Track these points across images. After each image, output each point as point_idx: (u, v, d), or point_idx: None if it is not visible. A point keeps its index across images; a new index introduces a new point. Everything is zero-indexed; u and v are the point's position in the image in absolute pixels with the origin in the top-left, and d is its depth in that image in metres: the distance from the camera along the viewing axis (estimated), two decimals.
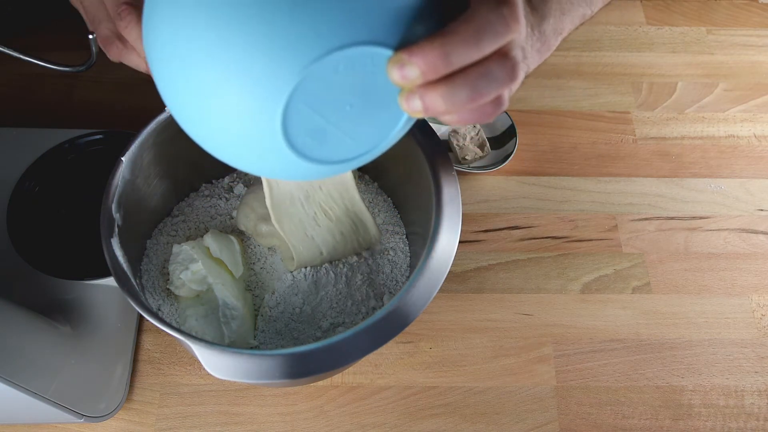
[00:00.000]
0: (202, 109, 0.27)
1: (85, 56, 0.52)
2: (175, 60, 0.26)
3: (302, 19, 0.24)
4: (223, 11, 0.25)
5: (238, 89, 0.26)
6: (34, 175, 0.58)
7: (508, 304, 0.58)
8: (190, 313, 0.50)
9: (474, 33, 0.26)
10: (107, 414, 0.51)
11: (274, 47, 0.25)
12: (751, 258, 0.61)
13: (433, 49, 0.26)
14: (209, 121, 0.28)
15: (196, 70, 0.26)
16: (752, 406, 0.54)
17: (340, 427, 0.52)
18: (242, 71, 0.25)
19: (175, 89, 0.28)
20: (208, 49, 0.25)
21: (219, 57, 0.25)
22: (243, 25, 0.24)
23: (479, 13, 0.26)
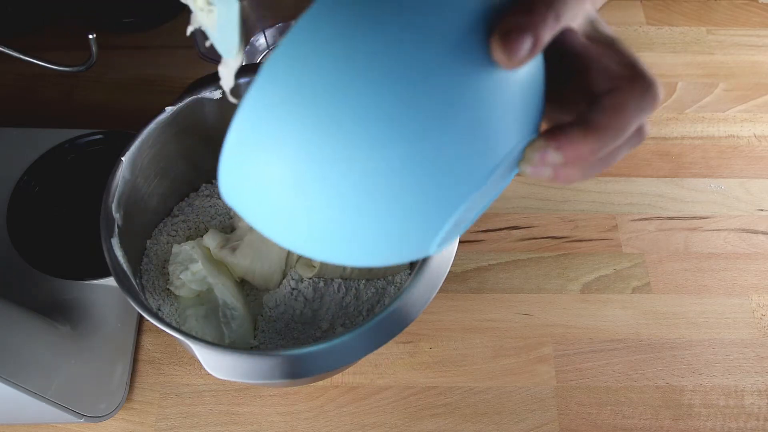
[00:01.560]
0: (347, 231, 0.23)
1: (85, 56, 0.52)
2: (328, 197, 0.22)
3: (481, 139, 0.22)
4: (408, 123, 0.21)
5: (409, 209, 0.23)
6: (34, 175, 0.58)
7: (508, 304, 0.58)
8: (190, 313, 0.50)
9: (623, 126, 0.25)
10: (107, 414, 0.51)
11: (457, 164, 0.22)
12: (751, 258, 0.61)
13: (585, 144, 0.25)
14: (351, 240, 0.24)
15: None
16: (752, 406, 0.54)
17: (340, 427, 0.52)
18: (420, 187, 0.22)
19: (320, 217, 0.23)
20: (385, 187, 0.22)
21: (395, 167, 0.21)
22: (434, 143, 0.21)
23: (629, 102, 0.25)
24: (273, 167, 0.21)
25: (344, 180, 0.21)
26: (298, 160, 0.21)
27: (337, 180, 0.21)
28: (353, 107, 0.20)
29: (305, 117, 0.20)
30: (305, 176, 0.21)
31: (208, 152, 0.55)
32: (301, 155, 0.21)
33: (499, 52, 0.21)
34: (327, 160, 0.21)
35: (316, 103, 0.20)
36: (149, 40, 0.74)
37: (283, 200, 0.22)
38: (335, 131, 0.20)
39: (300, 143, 0.20)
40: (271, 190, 0.22)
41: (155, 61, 0.73)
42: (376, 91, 0.20)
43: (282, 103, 0.20)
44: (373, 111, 0.20)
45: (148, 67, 0.72)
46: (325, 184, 0.21)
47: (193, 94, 0.49)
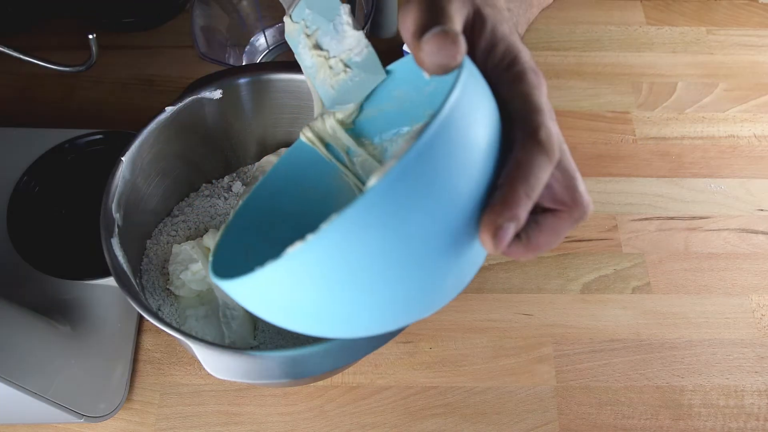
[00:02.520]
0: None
1: (85, 56, 0.52)
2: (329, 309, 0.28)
3: (454, 288, 0.32)
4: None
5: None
6: (34, 175, 0.58)
7: (508, 304, 0.58)
8: (190, 313, 0.50)
9: (557, 243, 0.29)
10: (107, 414, 0.51)
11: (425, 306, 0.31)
12: (751, 258, 0.61)
13: (524, 256, 0.28)
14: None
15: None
16: (752, 406, 0.54)
17: (340, 427, 0.52)
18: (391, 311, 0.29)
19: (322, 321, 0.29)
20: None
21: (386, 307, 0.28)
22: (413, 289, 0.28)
23: (563, 227, 0.29)
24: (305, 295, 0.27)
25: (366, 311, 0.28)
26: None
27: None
28: (379, 276, 0.26)
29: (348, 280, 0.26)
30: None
31: (208, 152, 0.55)
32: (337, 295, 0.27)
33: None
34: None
35: (359, 267, 0.26)
36: (149, 40, 0.74)
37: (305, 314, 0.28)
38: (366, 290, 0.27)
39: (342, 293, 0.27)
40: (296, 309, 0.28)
41: (155, 61, 0.73)
42: (396, 264, 0.26)
43: (334, 259, 0.25)
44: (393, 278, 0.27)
45: (148, 67, 0.72)
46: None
47: (193, 94, 0.49)
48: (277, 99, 0.53)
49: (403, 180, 0.24)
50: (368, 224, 0.24)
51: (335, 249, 0.25)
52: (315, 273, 0.26)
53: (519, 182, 0.26)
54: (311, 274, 0.26)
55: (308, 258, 0.25)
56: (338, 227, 0.24)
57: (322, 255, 0.25)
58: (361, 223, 0.24)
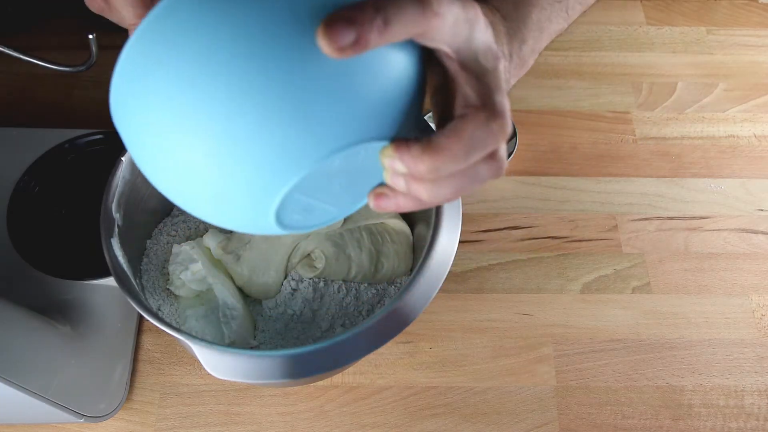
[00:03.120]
0: (188, 180, 0.27)
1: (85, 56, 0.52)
2: (167, 136, 0.25)
3: (312, 122, 0.25)
4: (236, 103, 0.24)
5: (236, 179, 0.26)
6: (34, 175, 0.58)
7: (508, 304, 0.58)
8: (190, 313, 0.50)
9: (463, 149, 0.27)
10: (107, 414, 0.51)
11: (281, 148, 0.25)
12: (751, 258, 0.61)
13: (422, 162, 0.26)
14: (195, 189, 0.27)
15: (192, 153, 0.25)
16: (752, 406, 0.54)
17: (340, 427, 0.52)
18: (245, 163, 0.25)
19: (161, 161, 0.27)
20: (211, 133, 0.25)
21: (220, 142, 0.25)
22: (253, 123, 0.24)
23: (468, 128, 0.27)
24: (146, 100, 0.25)
25: (193, 133, 0.25)
26: (164, 102, 0.24)
27: (188, 130, 0.25)
28: (207, 73, 0.24)
29: (176, 66, 0.24)
30: (167, 118, 0.25)
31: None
32: (167, 97, 0.24)
33: (322, 39, 0.23)
34: (183, 110, 0.24)
35: (186, 59, 0.24)
36: None
37: (148, 131, 0.26)
38: (192, 88, 0.24)
39: (170, 85, 0.24)
40: (142, 118, 0.26)
41: None
42: (225, 64, 0.24)
43: (162, 47, 0.24)
44: (218, 80, 0.24)
45: None
46: (180, 130, 0.25)
47: None
48: None
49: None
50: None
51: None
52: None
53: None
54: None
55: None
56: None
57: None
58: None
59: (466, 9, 0.27)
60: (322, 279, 0.51)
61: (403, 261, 0.52)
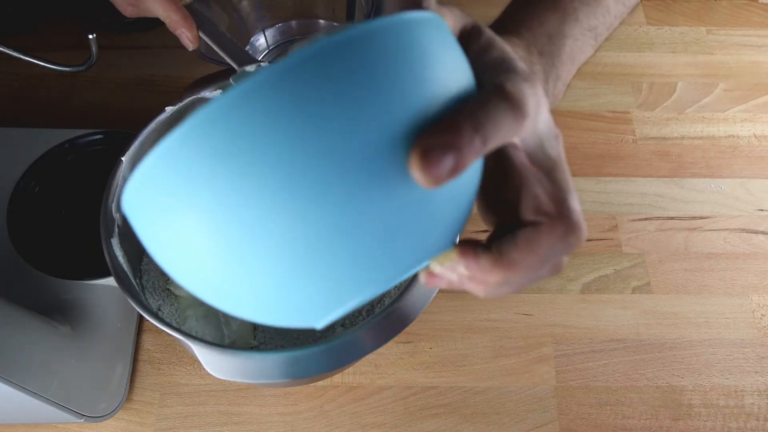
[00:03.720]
0: (250, 292, 0.24)
1: (85, 56, 0.52)
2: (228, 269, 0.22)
3: (388, 253, 0.22)
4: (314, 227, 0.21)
5: (302, 298, 0.23)
6: (34, 175, 0.58)
7: (508, 304, 0.58)
8: (190, 313, 0.50)
9: (538, 263, 0.24)
10: (107, 414, 0.51)
11: (353, 275, 0.22)
12: (751, 258, 0.61)
13: (492, 275, 0.24)
14: (259, 308, 0.25)
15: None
16: (752, 406, 0.54)
17: (340, 427, 0.52)
18: (312, 284, 0.22)
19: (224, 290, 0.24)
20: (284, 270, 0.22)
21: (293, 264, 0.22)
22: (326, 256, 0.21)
23: (545, 243, 0.24)
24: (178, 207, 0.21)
25: (249, 244, 0.21)
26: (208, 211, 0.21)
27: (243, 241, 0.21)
28: (271, 192, 0.20)
29: (225, 175, 0.20)
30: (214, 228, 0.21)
31: None
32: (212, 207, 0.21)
33: (417, 170, 0.20)
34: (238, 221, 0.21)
35: (239, 166, 0.20)
36: (149, 40, 0.74)
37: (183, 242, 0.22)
38: (248, 200, 0.20)
39: (215, 196, 0.20)
40: (172, 228, 0.22)
41: (155, 61, 0.73)
42: (296, 183, 0.20)
43: (210, 154, 0.20)
44: (291, 201, 0.20)
45: (148, 67, 0.72)
46: (232, 242, 0.21)
47: (193, 94, 0.49)
48: None
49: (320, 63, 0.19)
50: (260, 115, 0.19)
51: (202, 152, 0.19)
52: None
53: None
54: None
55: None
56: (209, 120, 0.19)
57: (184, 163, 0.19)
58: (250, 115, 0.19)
59: (535, 90, 0.24)
60: None
61: None
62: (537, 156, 0.26)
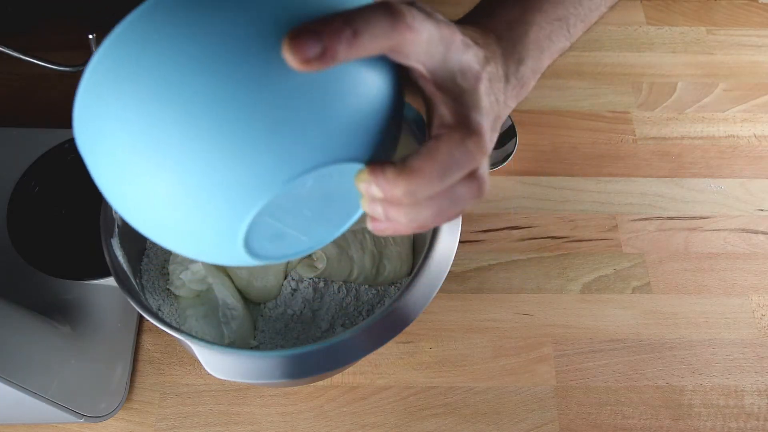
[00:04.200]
0: (151, 207, 0.25)
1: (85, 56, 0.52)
2: (127, 161, 0.24)
3: (281, 142, 0.23)
4: (197, 122, 0.23)
5: (201, 204, 0.24)
6: (34, 175, 0.58)
7: (508, 304, 0.58)
8: (190, 313, 0.50)
9: (439, 170, 0.26)
10: (107, 414, 0.51)
11: (248, 169, 0.23)
12: (751, 258, 0.61)
13: (397, 186, 0.26)
14: (160, 219, 0.26)
15: (156, 175, 0.24)
16: (752, 406, 0.54)
17: (340, 427, 0.52)
18: (211, 184, 0.24)
19: (123, 188, 0.26)
20: (172, 155, 0.23)
21: (182, 165, 0.23)
22: (216, 143, 0.23)
23: (443, 149, 0.26)
24: (108, 122, 0.24)
25: (155, 155, 0.23)
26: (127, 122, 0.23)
27: (150, 154, 0.23)
28: (166, 91, 0.23)
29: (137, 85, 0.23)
30: (130, 139, 0.23)
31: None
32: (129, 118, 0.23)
33: (287, 51, 0.22)
34: (140, 132, 0.23)
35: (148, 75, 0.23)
36: None
37: (112, 154, 0.24)
38: (151, 106, 0.23)
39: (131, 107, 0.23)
40: (102, 142, 0.24)
41: None
42: (184, 79, 0.22)
43: (123, 68, 0.23)
44: (178, 97, 0.23)
45: None
46: (139, 154, 0.24)
47: None
48: None
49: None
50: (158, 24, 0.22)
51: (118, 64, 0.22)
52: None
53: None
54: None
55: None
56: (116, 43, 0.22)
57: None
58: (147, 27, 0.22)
59: (440, 28, 0.26)
60: (322, 279, 0.51)
61: (405, 263, 0.52)
62: (446, 85, 0.27)
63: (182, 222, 0.25)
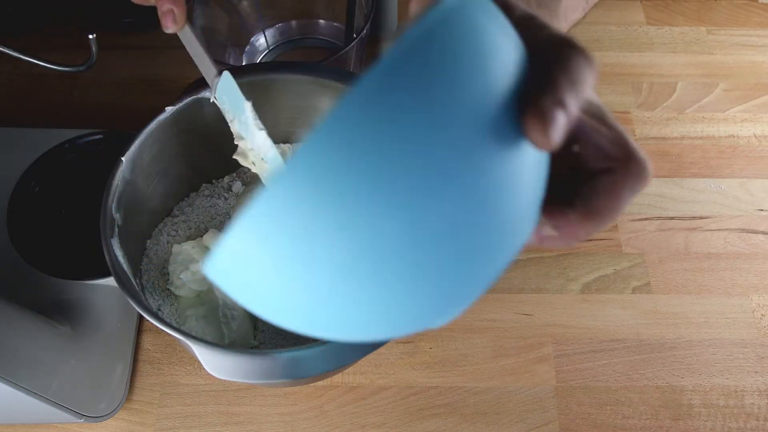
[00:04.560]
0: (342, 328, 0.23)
1: (85, 56, 0.52)
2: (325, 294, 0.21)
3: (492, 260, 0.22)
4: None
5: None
6: (34, 175, 0.58)
7: (508, 304, 0.58)
8: (190, 313, 0.50)
9: (621, 205, 0.25)
10: (107, 414, 0.51)
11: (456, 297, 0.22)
12: (751, 258, 0.61)
13: (583, 228, 0.25)
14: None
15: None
16: (752, 406, 0.54)
17: (340, 427, 0.52)
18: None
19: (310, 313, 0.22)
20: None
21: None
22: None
23: (626, 186, 0.25)
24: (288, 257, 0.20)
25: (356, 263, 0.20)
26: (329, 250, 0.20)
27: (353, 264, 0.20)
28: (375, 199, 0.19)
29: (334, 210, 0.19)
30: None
31: (208, 152, 0.55)
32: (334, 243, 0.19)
33: (537, 131, 0.20)
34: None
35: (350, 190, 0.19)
36: (149, 40, 0.74)
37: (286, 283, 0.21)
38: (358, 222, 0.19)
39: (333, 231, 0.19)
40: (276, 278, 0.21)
41: (155, 61, 0.73)
42: (400, 181, 0.19)
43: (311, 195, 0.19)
44: (398, 197, 0.19)
45: (148, 67, 0.72)
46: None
47: (193, 94, 0.49)
48: (276, 99, 0.53)
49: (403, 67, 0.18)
50: (360, 128, 0.18)
51: (317, 180, 0.18)
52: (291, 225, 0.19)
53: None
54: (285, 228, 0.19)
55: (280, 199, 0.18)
56: (316, 146, 0.18)
57: (299, 192, 0.18)
58: (350, 129, 0.18)
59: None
60: None
61: None
62: (586, 106, 0.26)
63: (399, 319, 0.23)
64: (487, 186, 0.20)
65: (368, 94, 0.18)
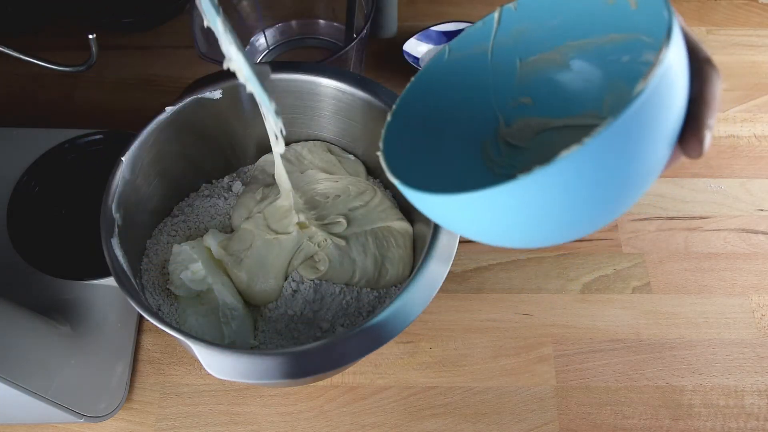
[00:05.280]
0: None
1: (85, 56, 0.52)
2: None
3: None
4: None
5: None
6: (34, 175, 0.58)
7: (508, 304, 0.58)
8: (190, 313, 0.50)
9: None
10: (107, 414, 0.51)
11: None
12: (751, 258, 0.61)
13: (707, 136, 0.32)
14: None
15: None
16: (752, 406, 0.54)
17: (340, 427, 0.52)
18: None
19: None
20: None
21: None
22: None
23: (718, 78, 0.33)
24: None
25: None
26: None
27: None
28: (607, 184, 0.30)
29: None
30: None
31: (208, 152, 0.55)
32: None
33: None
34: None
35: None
36: (149, 40, 0.74)
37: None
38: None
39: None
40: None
41: (155, 61, 0.73)
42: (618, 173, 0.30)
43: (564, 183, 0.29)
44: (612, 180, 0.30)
45: (148, 67, 0.72)
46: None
47: (193, 94, 0.49)
48: (276, 99, 0.53)
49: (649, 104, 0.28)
50: (624, 137, 0.28)
51: (603, 152, 0.28)
52: (580, 177, 0.29)
53: (710, 98, 0.31)
54: (579, 176, 0.28)
55: (582, 160, 0.28)
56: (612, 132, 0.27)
57: (592, 158, 0.28)
58: (619, 138, 0.28)
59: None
60: (323, 281, 0.51)
61: (407, 266, 0.52)
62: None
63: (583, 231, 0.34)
64: (648, 166, 0.31)
65: (618, 133, 0.28)
